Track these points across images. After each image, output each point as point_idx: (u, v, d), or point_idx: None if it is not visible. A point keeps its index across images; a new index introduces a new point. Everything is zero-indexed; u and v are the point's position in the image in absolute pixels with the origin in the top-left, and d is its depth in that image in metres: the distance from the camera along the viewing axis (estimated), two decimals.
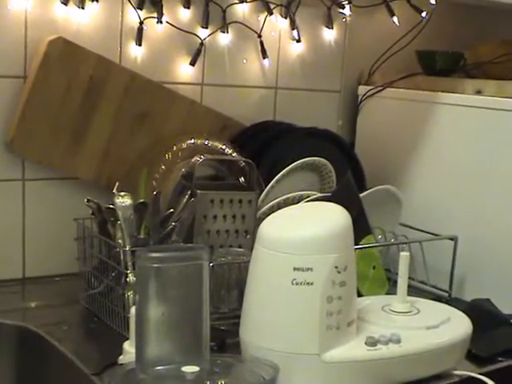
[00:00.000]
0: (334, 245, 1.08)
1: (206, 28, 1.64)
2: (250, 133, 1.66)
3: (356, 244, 1.16)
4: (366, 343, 1.11)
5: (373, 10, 1.82)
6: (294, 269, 1.06)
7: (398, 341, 1.13)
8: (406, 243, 1.53)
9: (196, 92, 1.66)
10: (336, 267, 1.07)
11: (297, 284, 1.06)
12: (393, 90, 1.77)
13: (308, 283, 1.06)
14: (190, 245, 1.36)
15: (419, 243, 1.54)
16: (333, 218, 1.13)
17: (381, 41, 1.84)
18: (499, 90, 1.56)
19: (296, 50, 1.78)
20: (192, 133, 1.56)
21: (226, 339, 1.23)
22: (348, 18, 1.79)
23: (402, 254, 1.23)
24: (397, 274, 1.24)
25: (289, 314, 1.08)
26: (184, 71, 1.64)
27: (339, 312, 1.08)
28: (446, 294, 1.58)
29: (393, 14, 1.82)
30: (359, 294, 1.23)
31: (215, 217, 1.44)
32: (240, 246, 1.45)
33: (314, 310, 1.07)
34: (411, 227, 1.63)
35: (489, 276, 1.56)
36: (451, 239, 1.57)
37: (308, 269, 1.06)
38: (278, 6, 1.72)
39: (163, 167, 1.51)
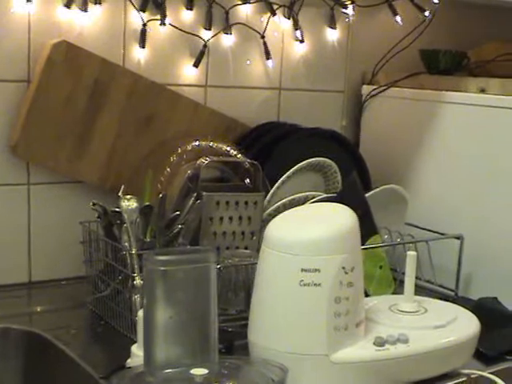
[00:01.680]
0: (341, 245, 1.08)
1: (210, 29, 1.64)
2: (254, 134, 1.66)
3: (362, 244, 1.15)
4: (374, 343, 1.11)
5: (376, 10, 1.82)
6: (302, 270, 1.06)
7: (406, 341, 1.13)
8: (412, 242, 1.52)
9: (200, 94, 1.66)
10: (343, 268, 1.07)
11: (304, 285, 1.06)
12: (397, 89, 1.77)
13: (316, 284, 1.06)
14: (196, 247, 1.36)
15: (426, 242, 1.53)
16: (339, 218, 1.12)
17: (384, 40, 1.84)
18: (503, 88, 1.55)
19: (299, 50, 1.78)
20: (196, 135, 1.56)
21: (234, 341, 1.23)
22: (351, 18, 1.79)
23: (408, 253, 1.22)
24: (403, 273, 1.24)
25: (297, 315, 1.07)
26: (188, 73, 1.64)
27: (347, 313, 1.08)
28: (453, 293, 1.57)
29: (396, 14, 1.81)
30: (366, 294, 1.23)
31: (221, 218, 1.44)
32: (246, 248, 1.45)
33: (322, 311, 1.06)
34: (417, 226, 1.62)
35: (495, 274, 1.55)
36: (457, 238, 1.56)
37: (315, 270, 1.06)
38: (280, 6, 1.72)
39: (168, 170, 1.50)
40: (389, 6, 1.80)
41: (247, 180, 1.51)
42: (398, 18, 1.81)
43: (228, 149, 1.55)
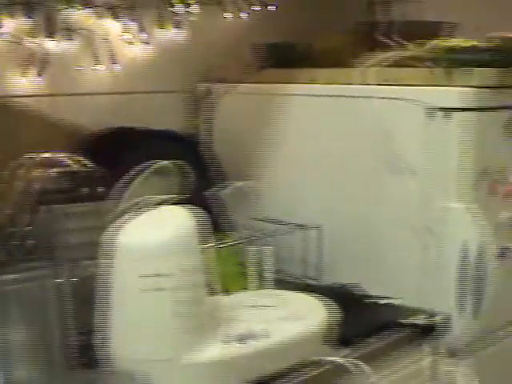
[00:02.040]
0: (180, 247, 1.08)
1: (50, 37, 1.58)
2: (102, 141, 1.63)
3: (213, 243, 1.15)
4: (231, 341, 1.11)
5: (216, 7, 1.81)
6: (143, 276, 1.05)
7: (265, 335, 1.14)
8: (259, 237, 1.51)
9: (43, 104, 1.61)
10: (184, 270, 1.06)
11: (148, 291, 1.05)
12: (242, 85, 1.76)
13: (159, 289, 1.05)
14: (40, 263, 1.30)
15: (279, 236, 1.53)
16: (178, 221, 1.12)
17: (227, 36, 1.85)
18: (348, 77, 1.57)
19: (143, 52, 1.75)
20: (41, 146, 1.50)
21: (90, 354, 1.18)
22: (191, 17, 1.77)
23: (249, 248, 1.24)
24: (263, 269, 1.25)
25: (143, 321, 1.06)
26: (29, 83, 1.59)
27: (196, 314, 1.08)
28: (315, 283, 1.59)
29: (234, 10, 1.80)
30: (224, 293, 1.22)
31: (73, 230, 1.39)
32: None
33: (168, 314, 1.05)
34: (271, 221, 1.62)
35: (356, 262, 1.58)
36: (315, 228, 1.58)
37: (157, 275, 1.05)
38: (122, 8, 1.68)
39: (13, 184, 1.44)
40: (222, 4, 1.80)
41: (97, 188, 1.47)
42: (237, 14, 1.81)
43: (74, 158, 1.51)
